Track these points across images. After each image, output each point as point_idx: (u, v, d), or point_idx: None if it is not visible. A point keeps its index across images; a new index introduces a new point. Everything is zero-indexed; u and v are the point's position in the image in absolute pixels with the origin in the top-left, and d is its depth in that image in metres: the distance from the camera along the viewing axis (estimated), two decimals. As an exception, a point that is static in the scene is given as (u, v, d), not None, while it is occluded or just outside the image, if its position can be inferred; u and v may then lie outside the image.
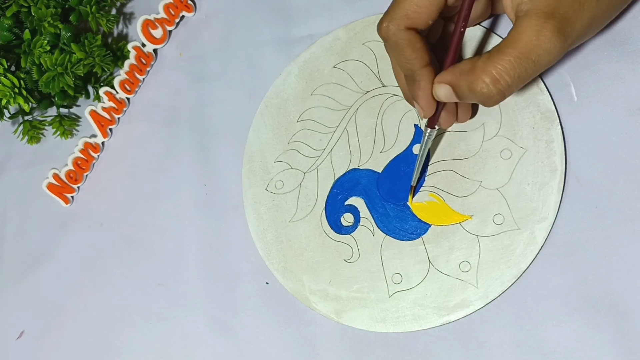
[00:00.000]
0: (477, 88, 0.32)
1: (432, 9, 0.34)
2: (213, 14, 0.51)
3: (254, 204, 0.44)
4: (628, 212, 0.35)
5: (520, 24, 0.31)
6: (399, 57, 0.35)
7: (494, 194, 0.38)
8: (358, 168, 0.42)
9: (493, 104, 0.32)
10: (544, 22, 0.30)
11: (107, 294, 0.48)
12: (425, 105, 0.36)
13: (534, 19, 0.30)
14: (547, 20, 0.30)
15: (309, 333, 0.41)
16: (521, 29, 0.31)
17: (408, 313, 0.38)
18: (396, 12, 0.34)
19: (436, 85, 0.35)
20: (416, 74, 0.35)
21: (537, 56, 0.30)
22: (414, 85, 0.36)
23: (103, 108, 0.51)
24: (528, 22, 0.31)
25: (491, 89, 0.31)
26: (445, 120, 0.38)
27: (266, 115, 0.46)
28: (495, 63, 0.31)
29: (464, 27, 0.34)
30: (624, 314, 0.34)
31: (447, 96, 0.34)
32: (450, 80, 0.34)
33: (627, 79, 0.37)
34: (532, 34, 0.30)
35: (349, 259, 0.41)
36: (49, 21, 0.48)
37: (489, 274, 0.37)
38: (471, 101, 0.34)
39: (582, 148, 0.37)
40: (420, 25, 0.34)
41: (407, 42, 0.34)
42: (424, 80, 0.35)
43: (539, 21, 0.30)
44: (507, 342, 0.36)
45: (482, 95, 0.32)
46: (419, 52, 0.34)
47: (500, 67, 0.31)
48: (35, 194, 0.53)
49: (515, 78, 0.31)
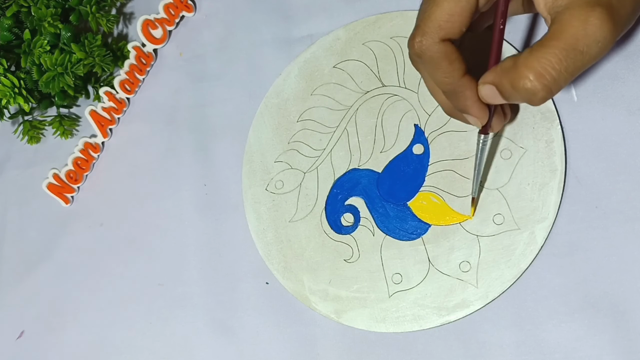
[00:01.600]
0: (520, 85, 0.29)
1: (464, 16, 0.32)
2: (213, 14, 0.51)
3: (254, 204, 0.44)
4: (628, 212, 0.35)
5: (561, 17, 0.29)
6: (435, 72, 0.33)
7: (494, 194, 0.38)
8: (358, 168, 0.42)
9: (540, 102, 0.30)
10: (590, 11, 0.28)
11: (107, 294, 0.48)
12: (478, 114, 0.34)
13: (577, 10, 0.28)
14: (593, 8, 0.28)
15: (309, 333, 0.41)
16: (565, 20, 0.28)
17: (408, 313, 0.38)
18: (428, 25, 0.32)
19: (481, 86, 0.33)
20: (457, 86, 0.33)
21: (586, 46, 0.28)
22: (459, 98, 0.33)
23: (103, 108, 0.51)
24: (571, 13, 0.28)
25: (536, 85, 0.29)
26: (496, 124, 0.36)
27: (266, 115, 0.46)
28: (539, 57, 0.29)
29: (502, 23, 0.32)
30: (624, 314, 0.34)
31: (492, 97, 0.32)
32: (493, 79, 0.32)
33: (627, 79, 0.37)
34: (578, 24, 0.28)
35: (349, 259, 0.41)
36: (49, 21, 0.48)
37: (489, 274, 0.37)
38: (517, 101, 0.32)
39: (582, 148, 0.37)
40: (455, 34, 0.32)
41: (443, 55, 0.32)
42: (469, 89, 0.33)
43: (584, 10, 0.28)
44: (507, 342, 0.36)
45: (527, 92, 0.29)
46: (456, 63, 0.32)
47: (545, 60, 0.29)
48: (35, 194, 0.53)
49: (561, 72, 0.29)
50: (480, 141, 0.36)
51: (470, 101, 0.33)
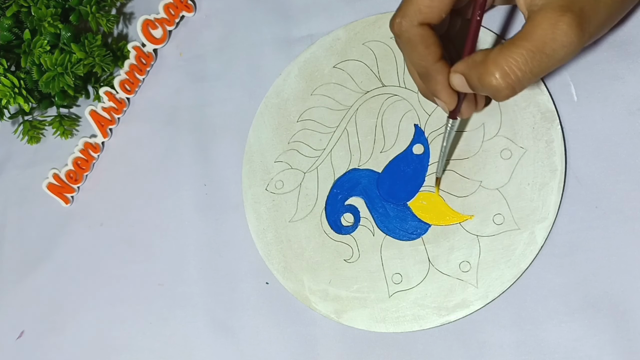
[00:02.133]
0: (486, 80, 0.31)
1: (444, 2, 0.33)
2: (213, 14, 0.51)
3: (254, 204, 0.44)
4: (628, 212, 0.35)
5: (535, 17, 0.30)
6: (411, 54, 0.34)
7: (494, 194, 0.38)
8: (358, 168, 0.42)
9: (503, 99, 0.31)
10: (560, 15, 0.29)
11: (107, 294, 0.48)
12: (447, 99, 0.35)
13: (549, 12, 0.29)
14: (563, 14, 0.29)
15: (309, 333, 0.41)
16: (536, 22, 0.30)
17: (408, 313, 0.38)
18: (409, 8, 0.33)
19: (451, 74, 0.34)
20: (431, 70, 0.34)
21: (552, 50, 0.29)
22: (431, 81, 0.35)
23: (103, 108, 0.51)
24: (543, 15, 0.29)
25: (500, 83, 0.30)
26: (466, 110, 0.37)
27: (266, 115, 0.46)
28: (507, 56, 0.30)
29: (480, 15, 0.33)
30: (624, 314, 0.34)
31: (461, 86, 0.33)
32: (463, 70, 0.33)
33: (627, 79, 0.37)
34: (547, 27, 0.29)
35: (349, 259, 0.41)
36: (49, 21, 0.48)
37: (489, 274, 0.37)
38: (482, 93, 0.33)
39: (582, 148, 0.37)
40: (434, 20, 0.33)
41: (420, 38, 0.33)
42: (441, 74, 0.34)
43: (555, 14, 0.29)
44: (507, 342, 0.36)
45: (491, 88, 0.31)
46: (432, 47, 0.33)
47: (512, 60, 0.30)
48: (35, 194, 0.53)
49: (526, 72, 0.30)
50: (448, 125, 0.37)
51: (440, 86, 0.34)
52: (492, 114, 0.39)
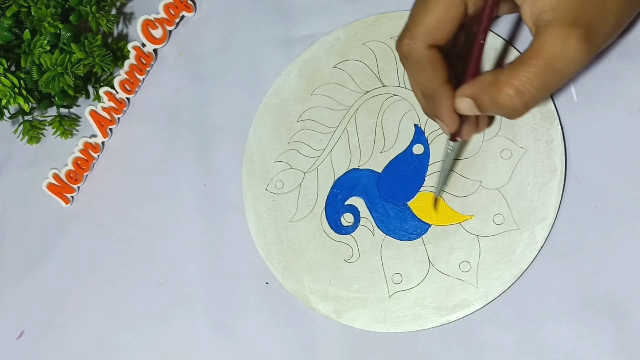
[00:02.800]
0: (500, 101, 0.31)
1: (453, 24, 0.32)
2: (213, 14, 0.51)
3: (254, 204, 0.44)
4: (628, 212, 0.35)
5: (543, 33, 0.30)
6: (418, 75, 0.34)
7: (494, 194, 0.38)
8: (358, 168, 0.42)
9: (517, 117, 0.32)
10: (569, 31, 0.29)
11: (107, 294, 0.48)
12: (449, 122, 0.35)
13: (557, 28, 0.29)
14: (572, 29, 0.29)
15: (309, 333, 0.41)
16: (544, 38, 0.30)
17: (408, 313, 0.38)
18: (417, 30, 0.33)
19: (458, 98, 0.34)
20: (436, 92, 0.34)
21: (563, 66, 0.29)
22: (435, 103, 0.34)
23: (103, 108, 0.51)
24: (552, 31, 0.29)
25: (516, 102, 0.30)
26: (466, 132, 0.37)
27: (266, 115, 0.46)
28: (519, 75, 0.30)
29: (483, 39, 0.33)
30: (624, 314, 0.34)
31: (469, 109, 0.33)
32: (472, 93, 0.33)
33: (627, 79, 0.37)
34: (556, 44, 0.29)
35: (349, 259, 0.41)
36: (49, 21, 0.48)
37: (489, 274, 0.37)
38: (494, 114, 0.33)
39: (582, 148, 0.37)
40: (442, 41, 0.33)
41: (428, 60, 0.33)
42: (445, 97, 0.34)
43: (564, 30, 0.29)
44: (507, 342, 0.36)
45: (507, 108, 0.31)
46: (439, 70, 0.33)
47: (524, 78, 0.30)
48: (35, 194, 0.53)
49: (540, 89, 0.30)
50: (448, 147, 0.37)
51: (444, 109, 0.34)
52: (492, 114, 0.39)
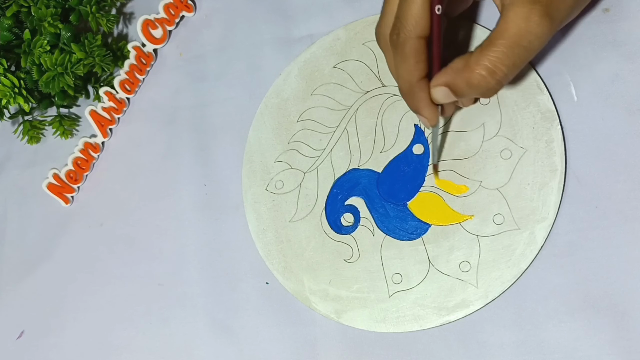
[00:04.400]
0: (474, 82, 0.33)
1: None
2: (213, 14, 0.51)
3: (254, 204, 0.44)
4: (628, 212, 0.35)
5: (507, 13, 0.32)
6: (400, 67, 0.35)
7: (494, 194, 0.38)
8: (358, 168, 0.42)
9: (492, 95, 0.34)
10: (530, 9, 0.31)
11: (107, 294, 0.48)
12: (429, 115, 0.36)
13: (519, 7, 0.31)
14: (533, 6, 0.31)
15: (309, 333, 0.41)
16: (509, 18, 0.31)
17: (408, 313, 0.38)
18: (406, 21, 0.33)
19: (433, 89, 0.35)
20: (415, 86, 0.35)
21: (528, 42, 0.31)
22: (414, 98, 0.36)
23: (103, 108, 0.51)
24: (514, 10, 0.31)
25: (489, 81, 0.32)
26: (447, 110, 0.38)
27: (266, 115, 0.46)
28: (488, 55, 0.32)
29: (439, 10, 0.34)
30: (624, 314, 0.34)
31: (446, 97, 0.35)
32: (446, 80, 0.34)
33: (627, 79, 0.37)
34: (520, 22, 0.31)
35: (349, 259, 0.41)
36: (49, 21, 0.48)
37: (489, 274, 0.37)
38: (471, 96, 0.34)
39: (582, 148, 0.37)
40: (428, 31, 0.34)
41: (414, 51, 0.34)
42: (423, 91, 0.35)
43: (526, 8, 0.31)
44: (507, 342, 0.36)
45: (481, 88, 0.33)
46: (421, 63, 0.34)
47: (494, 58, 0.32)
48: (35, 194, 0.53)
49: (510, 66, 0.32)
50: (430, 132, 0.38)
51: (422, 103, 0.36)
52: (492, 114, 0.39)
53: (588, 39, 0.38)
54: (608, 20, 0.38)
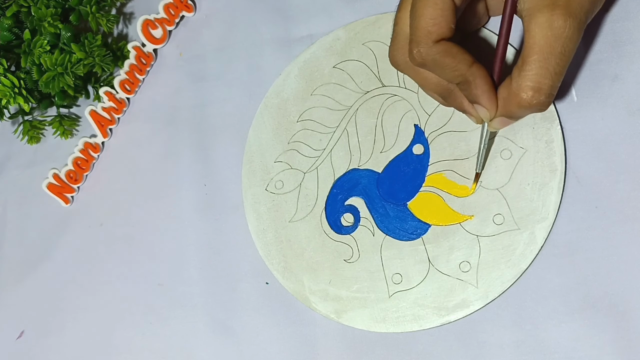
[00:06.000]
0: (525, 104, 0.32)
1: (447, 15, 0.32)
2: (213, 14, 0.51)
3: (254, 204, 0.44)
4: (628, 212, 0.35)
5: (529, 26, 0.31)
6: (442, 71, 0.33)
7: (494, 194, 0.38)
8: (358, 168, 0.42)
9: (549, 106, 0.33)
10: (551, 15, 0.30)
11: (107, 294, 0.48)
12: (488, 104, 0.34)
13: (540, 17, 0.30)
14: (553, 12, 0.30)
15: (309, 333, 0.41)
16: (533, 31, 0.31)
17: (408, 313, 0.38)
18: (418, 35, 0.33)
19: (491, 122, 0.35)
20: (468, 75, 0.33)
21: (562, 47, 0.31)
22: (470, 88, 0.34)
23: (103, 108, 0.51)
24: (536, 21, 0.31)
25: (539, 98, 0.32)
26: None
27: (266, 115, 0.46)
28: (527, 75, 0.31)
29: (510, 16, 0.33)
30: (624, 314, 0.34)
31: (504, 124, 0.35)
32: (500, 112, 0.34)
33: (627, 79, 0.37)
34: (545, 31, 0.30)
35: (349, 259, 0.41)
36: (49, 21, 0.48)
37: (489, 274, 0.37)
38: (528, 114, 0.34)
39: (582, 148, 0.37)
40: (445, 33, 0.33)
41: (443, 52, 0.32)
42: (479, 77, 0.33)
43: (546, 16, 0.30)
44: (507, 342, 0.36)
45: (534, 107, 0.32)
46: (459, 55, 0.33)
47: (533, 76, 0.31)
48: (35, 194, 0.53)
49: (552, 77, 0.31)
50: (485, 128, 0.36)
51: (480, 90, 0.33)
52: (492, 114, 0.39)
53: (588, 39, 0.38)
54: (608, 20, 0.38)
